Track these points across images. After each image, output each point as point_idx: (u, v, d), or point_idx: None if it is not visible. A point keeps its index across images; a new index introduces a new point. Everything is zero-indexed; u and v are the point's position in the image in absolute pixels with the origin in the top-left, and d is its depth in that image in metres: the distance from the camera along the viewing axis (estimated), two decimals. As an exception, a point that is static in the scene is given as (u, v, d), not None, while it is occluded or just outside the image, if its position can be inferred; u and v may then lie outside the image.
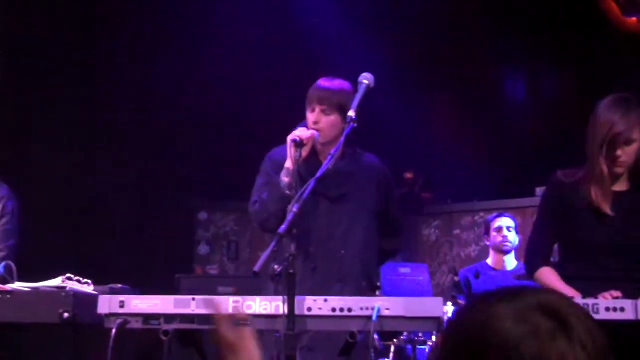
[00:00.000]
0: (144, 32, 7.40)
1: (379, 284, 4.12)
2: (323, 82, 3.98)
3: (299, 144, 3.69)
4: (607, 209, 3.70)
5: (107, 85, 7.41)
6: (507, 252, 6.39)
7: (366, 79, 3.68)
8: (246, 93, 7.62)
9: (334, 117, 3.90)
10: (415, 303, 3.06)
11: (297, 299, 2.99)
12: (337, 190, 3.90)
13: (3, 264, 3.51)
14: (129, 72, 7.44)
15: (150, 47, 7.41)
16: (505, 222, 6.43)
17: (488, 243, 6.52)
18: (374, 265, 4.13)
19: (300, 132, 3.76)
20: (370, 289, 3.97)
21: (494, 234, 6.43)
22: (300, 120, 4.02)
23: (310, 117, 3.92)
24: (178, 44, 7.44)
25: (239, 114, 7.64)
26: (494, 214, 6.58)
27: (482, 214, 7.60)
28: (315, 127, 3.87)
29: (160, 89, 7.50)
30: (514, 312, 1.38)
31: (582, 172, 3.79)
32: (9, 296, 3.22)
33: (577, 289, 3.59)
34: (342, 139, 3.50)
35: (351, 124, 3.52)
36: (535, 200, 6.89)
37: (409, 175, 7.67)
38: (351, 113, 3.55)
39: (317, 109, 3.90)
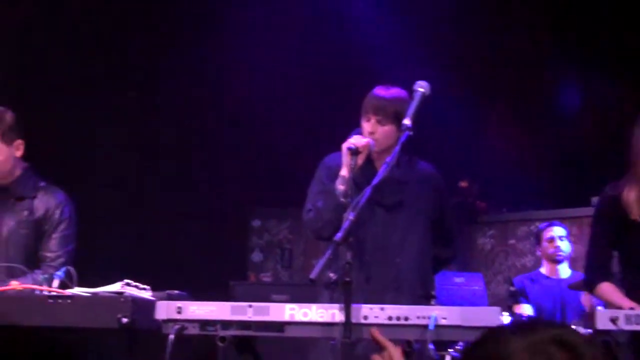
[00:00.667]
0: (192, 38, 7.47)
1: (434, 292, 4.10)
2: (379, 91, 3.98)
3: (354, 151, 3.69)
4: None
5: (161, 94, 7.51)
6: (560, 262, 6.32)
7: (421, 86, 3.67)
8: (300, 100, 7.65)
9: (388, 127, 3.90)
10: (472, 312, 3.04)
11: (354, 306, 2.99)
12: (392, 198, 3.90)
13: (63, 269, 3.56)
14: (183, 81, 7.52)
15: (199, 52, 7.48)
16: (557, 231, 6.36)
17: (540, 252, 6.46)
18: (429, 274, 4.11)
19: (355, 140, 3.76)
20: (425, 298, 3.96)
21: (545, 244, 6.36)
22: (355, 127, 4.02)
23: (366, 126, 3.92)
24: (230, 49, 7.49)
25: (294, 121, 7.66)
26: (545, 223, 6.52)
27: (537, 224, 7.52)
28: (370, 136, 3.87)
29: (215, 97, 7.57)
30: (528, 345, 1.37)
31: (626, 183, 3.79)
32: (69, 301, 3.26)
33: (638, 300, 3.55)
34: (398, 147, 3.49)
35: (407, 132, 3.51)
36: (592, 210, 6.80)
37: (463, 184, 7.62)
38: (407, 121, 3.53)
39: (373, 119, 3.90)
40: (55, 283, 3.43)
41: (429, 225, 4.03)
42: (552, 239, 6.33)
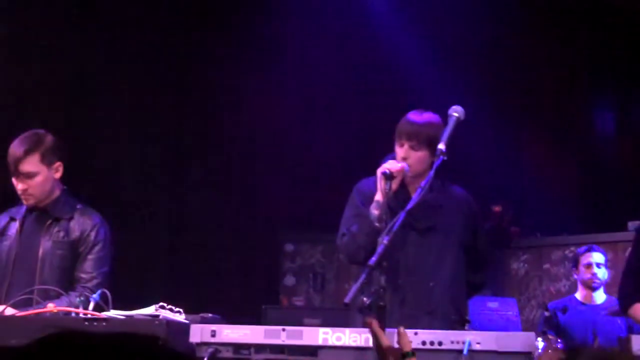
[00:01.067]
0: (227, 59, 7.53)
1: (468, 317, 4.08)
2: (412, 116, 3.98)
3: (388, 176, 3.71)
4: None
5: (195, 116, 7.57)
6: (596, 289, 6.25)
7: (456, 111, 3.67)
8: (332, 124, 7.67)
9: (422, 153, 3.91)
10: (506, 337, 3.02)
11: (387, 331, 2.97)
12: (425, 222, 3.90)
13: (99, 291, 3.59)
14: (218, 102, 7.58)
15: (235, 73, 7.53)
16: (596, 257, 6.28)
17: (576, 277, 6.39)
18: (463, 298, 4.09)
19: (390, 165, 3.77)
20: (459, 323, 3.94)
21: (583, 269, 6.29)
22: (388, 152, 4.03)
23: (399, 152, 3.93)
24: (267, 71, 7.55)
25: (326, 145, 7.68)
26: (584, 248, 6.43)
27: (572, 248, 7.46)
28: (404, 162, 3.88)
29: (248, 121, 7.61)
30: None
31: None
32: (104, 323, 3.29)
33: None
34: (432, 172, 3.49)
35: (441, 157, 3.51)
36: (627, 235, 6.74)
37: (497, 209, 7.58)
38: (441, 146, 3.54)
39: (406, 145, 3.91)
40: (91, 305, 3.46)
41: (462, 249, 4.02)
42: (589, 265, 6.26)
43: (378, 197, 3.75)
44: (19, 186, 4.29)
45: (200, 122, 7.61)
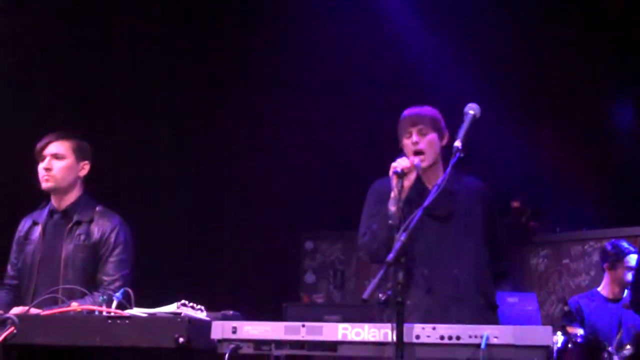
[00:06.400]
0: (250, 61, 7.57)
1: (496, 303, 4.09)
2: (411, 109, 4.09)
3: (400, 174, 3.72)
4: None
5: (219, 115, 7.62)
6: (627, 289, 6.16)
7: (472, 109, 3.69)
8: (350, 123, 7.69)
9: (431, 136, 4.01)
10: (524, 331, 3.04)
11: (406, 326, 3.01)
12: (443, 210, 3.91)
13: (122, 290, 3.65)
14: (241, 102, 7.63)
15: (258, 73, 7.58)
16: (634, 259, 6.04)
17: (609, 272, 6.24)
18: (489, 284, 4.10)
19: (399, 163, 3.78)
20: (488, 308, 3.97)
21: (624, 270, 6.12)
22: (400, 151, 4.07)
23: (408, 142, 4.00)
24: (288, 70, 7.58)
25: (346, 143, 7.71)
26: (631, 248, 6.20)
27: (591, 243, 7.46)
28: (415, 148, 3.91)
29: (271, 119, 7.65)
30: None
31: None
32: (127, 321, 3.34)
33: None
34: (449, 169, 3.51)
35: (457, 154, 3.53)
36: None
37: (516, 204, 7.57)
38: (457, 143, 3.56)
39: (414, 131, 3.99)
40: (114, 304, 3.51)
41: (482, 236, 4.05)
42: (632, 268, 6.02)
43: (394, 194, 3.78)
44: (43, 165, 4.35)
45: (221, 119, 7.66)
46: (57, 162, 4.36)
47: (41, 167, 4.37)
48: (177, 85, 7.20)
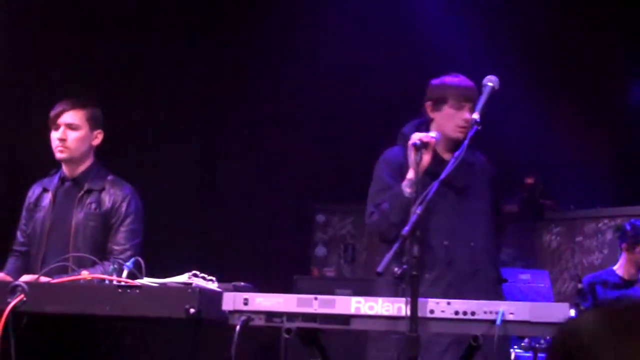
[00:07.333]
0: (268, 36, 7.52)
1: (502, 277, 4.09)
2: (464, 79, 3.96)
3: (419, 147, 3.64)
4: None
5: (229, 86, 7.57)
6: None
7: (491, 81, 3.63)
8: (365, 96, 7.63)
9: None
10: (540, 308, 3.00)
11: (420, 301, 2.97)
12: (461, 181, 3.86)
13: (133, 259, 3.62)
14: (251, 75, 7.57)
15: (267, 49, 7.52)
16: None
17: (627, 252, 6.15)
18: (497, 257, 4.12)
19: (421, 136, 3.70)
20: (499, 281, 3.96)
21: None
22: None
23: (456, 113, 3.88)
24: (297, 46, 7.53)
25: (358, 115, 7.65)
26: None
27: (605, 221, 7.40)
28: (465, 125, 3.80)
29: (281, 93, 7.60)
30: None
31: None
32: (137, 291, 3.31)
33: None
34: (467, 141, 3.45)
35: (475, 126, 3.48)
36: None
37: (529, 181, 7.53)
38: (475, 115, 3.50)
39: (468, 107, 3.85)
40: (125, 273, 3.49)
41: (491, 209, 4.02)
42: None
43: (410, 175, 3.68)
44: (58, 136, 4.32)
45: (232, 92, 7.61)
46: (72, 133, 4.33)
47: (55, 136, 4.33)
48: (179, 52, 7.14)
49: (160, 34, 6.98)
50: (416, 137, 3.64)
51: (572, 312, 5.32)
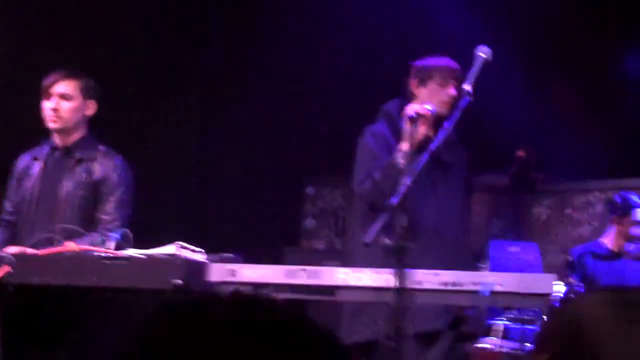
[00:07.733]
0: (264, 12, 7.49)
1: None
2: (451, 61, 4.01)
3: (415, 119, 3.63)
4: None
5: (225, 62, 7.54)
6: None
7: (483, 52, 3.61)
8: (354, 68, 7.60)
9: None
10: (527, 279, 3.01)
11: (408, 272, 2.97)
12: (449, 157, 3.86)
13: (120, 231, 3.61)
14: (243, 51, 7.54)
15: (263, 25, 7.48)
16: None
17: (616, 224, 6.12)
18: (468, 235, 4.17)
19: (417, 108, 3.69)
20: (477, 258, 4.02)
21: (631, 223, 5.99)
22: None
23: (443, 91, 3.91)
24: (290, 22, 7.49)
25: (348, 89, 7.62)
26: (637, 202, 6.06)
27: (596, 194, 7.40)
28: (451, 101, 3.82)
29: (272, 66, 7.56)
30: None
31: None
32: (124, 262, 3.31)
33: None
34: (458, 112, 3.44)
35: (466, 97, 3.46)
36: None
37: (520, 153, 7.51)
38: (467, 87, 3.49)
39: (453, 84, 3.88)
40: (112, 245, 3.48)
41: (464, 188, 4.06)
42: (639, 222, 5.99)
43: (405, 146, 3.67)
44: (50, 105, 4.29)
45: (226, 68, 7.58)
46: (65, 103, 4.31)
47: (48, 106, 4.31)
48: (176, 34, 7.11)
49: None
50: (412, 109, 3.64)
51: (562, 285, 5.37)
